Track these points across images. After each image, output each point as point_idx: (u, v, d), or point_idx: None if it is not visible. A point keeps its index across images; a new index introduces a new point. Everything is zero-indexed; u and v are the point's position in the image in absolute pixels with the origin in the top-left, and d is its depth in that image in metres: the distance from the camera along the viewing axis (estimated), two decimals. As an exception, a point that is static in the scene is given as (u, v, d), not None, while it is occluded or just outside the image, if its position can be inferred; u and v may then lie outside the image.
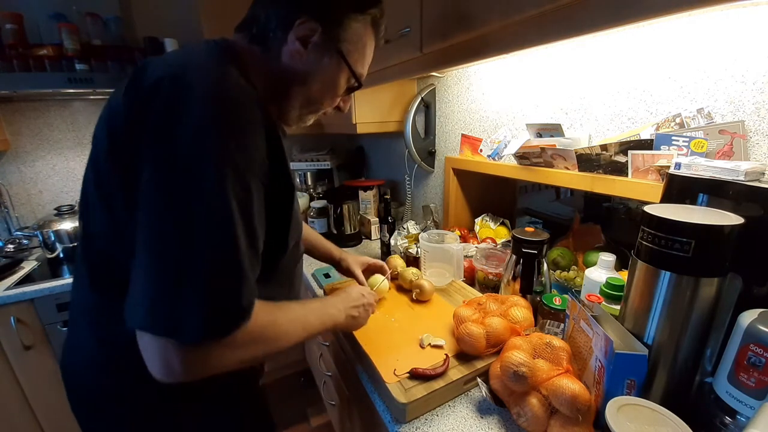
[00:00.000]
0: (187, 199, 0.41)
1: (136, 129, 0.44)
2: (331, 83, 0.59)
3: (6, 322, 1.27)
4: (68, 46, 1.43)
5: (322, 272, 1.17)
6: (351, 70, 0.58)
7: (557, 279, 0.90)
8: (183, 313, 0.41)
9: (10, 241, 1.64)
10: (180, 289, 0.41)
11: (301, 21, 0.52)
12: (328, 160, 1.96)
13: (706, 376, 0.54)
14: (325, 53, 0.55)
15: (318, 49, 0.55)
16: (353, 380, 0.91)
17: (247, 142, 0.45)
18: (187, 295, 0.41)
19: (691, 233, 0.48)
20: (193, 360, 0.43)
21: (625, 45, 0.78)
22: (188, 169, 0.41)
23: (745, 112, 0.63)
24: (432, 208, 1.46)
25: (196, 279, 0.41)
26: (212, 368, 0.45)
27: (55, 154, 1.73)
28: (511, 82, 1.08)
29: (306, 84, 0.57)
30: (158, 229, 0.42)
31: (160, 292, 0.41)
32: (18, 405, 1.36)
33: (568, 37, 0.58)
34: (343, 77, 0.59)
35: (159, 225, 0.42)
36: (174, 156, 0.41)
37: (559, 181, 0.87)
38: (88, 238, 0.55)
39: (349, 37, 0.56)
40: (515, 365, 0.57)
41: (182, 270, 0.41)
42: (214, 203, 0.41)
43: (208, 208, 0.41)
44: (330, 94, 0.61)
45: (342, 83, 0.60)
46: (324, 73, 0.57)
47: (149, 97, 0.43)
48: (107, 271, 0.52)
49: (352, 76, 0.60)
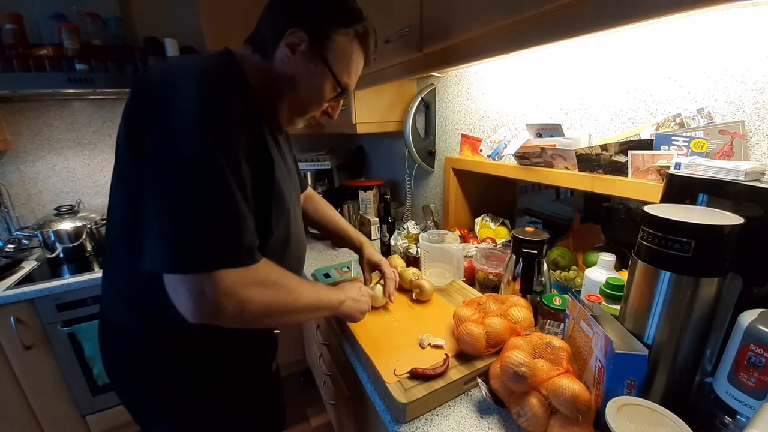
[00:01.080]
0: (184, 155, 0.48)
1: (141, 109, 0.53)
2: (316, 89, 0.65)
3: (6, 322, 1.27)
4: (68, 46, 1.43)
5: (322, 272, 1.17)
6: (335, 78, 0.64)
7: (557, 279, 0.90)
8: (198, 250, 0.48)
9: (10, 241, 1.64)
10: (191, 232, 0.48)
11: (291, 31, 0.60)
12: (328, 160, 1.96)
13: (706, 376, 0.54)
14: (311, 60, 0.62)
15: (305, 56, 0.61)
16: (353, 380, 0.91)
17: (232, 127, 0.52)
18: (197, 236, 0.48)
19: (691, 233, 0.48)
20: (218, 290, 0.50)
21: (625, 45, 0.78)
22: (183, 134, 0.49)
23: (745, 112, 0.63)
24: (432, 208, 1.46)
25: (202, 223, 0.49)
26: (237, 301, 0.52)
27: (55, 154, 1.74)
28: (511, 82, 1.08)
29: (293, 87, 0.64)
30: (163, 185, 0.49)
31: (174, 237, 0.48)
32: (18, 405, 1.36)
33: (567, 38, 0.58)
34: (328, 84, 0.65)
35: (163, 182, 0.49)
36: (170, 123, 0.49)
37: (559, 181, 0.87)
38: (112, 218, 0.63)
39: (334, 48, 0.62)
40: (515, 365, 0.57)
41: (190, 216, 0.48)
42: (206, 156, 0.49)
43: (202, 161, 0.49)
44: (315, 99, 0.66)
45: (327, 89, 0.65)
46: (310, 79, 0.63)
47: (151, 87, 0.53)
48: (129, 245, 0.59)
49: (336, 84, 0.65)
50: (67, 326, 1.36)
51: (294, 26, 0.59)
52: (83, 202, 1.75)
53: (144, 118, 0.51)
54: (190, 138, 0.49)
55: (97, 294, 1.39)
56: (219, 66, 0.58)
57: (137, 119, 0.53)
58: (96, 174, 1.83)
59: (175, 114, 0.49)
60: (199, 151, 0.49)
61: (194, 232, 0.48)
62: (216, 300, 0.50)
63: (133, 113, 0.54)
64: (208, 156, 0.49)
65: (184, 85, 0.51)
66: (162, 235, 0.49)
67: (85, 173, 1.81)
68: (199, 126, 0.49)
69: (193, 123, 0.49)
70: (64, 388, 1.43)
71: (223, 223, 0.50)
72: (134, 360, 0.66)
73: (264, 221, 0.60)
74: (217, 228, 0.50)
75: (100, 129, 1.79)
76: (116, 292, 0.65)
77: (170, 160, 0.49)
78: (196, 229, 0.48)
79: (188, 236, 0.48)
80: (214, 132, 0.50)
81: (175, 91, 0.50)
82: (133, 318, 0.63)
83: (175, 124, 0.49)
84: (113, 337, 0.68)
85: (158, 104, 0.51)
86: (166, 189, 0.49)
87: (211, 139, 0.49)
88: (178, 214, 0.48)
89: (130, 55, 1.55)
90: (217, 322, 0.52)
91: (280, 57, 0.61)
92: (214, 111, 0.51)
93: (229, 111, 0.52)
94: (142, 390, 0.68)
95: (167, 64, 0.57)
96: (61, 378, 1.41)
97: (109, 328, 0.69)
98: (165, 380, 0.65)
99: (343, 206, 1.50)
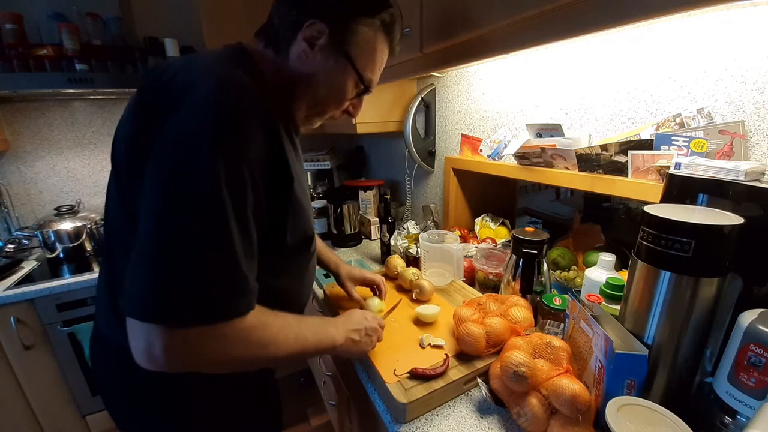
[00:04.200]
0: (181, 190, 0.42)
1: (147, 125, 0.47)
2: (337, 86, 0.59)
3: (6, 322, 1.27)
4: (68, 46, 1.43)
5: (322, 272, 1.17)
6: (358, 74, 0.58)
7: (557, 279, 0.90)
8: (171, 299, 0.41)
9: (10, 241, 1.64)
10: (170, 277, 0.41)
11: (309, 23, 0.54)
12: (328, 160, 1.96)
13: (706, 376, 0.54)
14: (332, 56, 0.56)
15: (324, 51, 0.55)
16: (353, 380, 0.91)
17: (244, 140, 0.46)
18: (177, 283, 0.42)
19: (691, 233, 0.48)
20: (174, 346, 0.43)
21: (625, 45, 0.78)
22: (184, 162, 0.42)
23: (745, 112, 0.63)
24: (432, 208, 1.46)
25: (187, 268, 0.42)
26: (194, 358, 0.45)
27: (55, 154, 1.73)
28: (511, 82, 1.08)
29: (311, 85, 0.58)
30: (154, 218, 0.43)
31: (151, 279, 0.42)
32: (18, 405, 1.36)
33: (568, 37, 0.58)
34: (350, 81, 0.59)
35: (155, 214, 0.43)
36: (171, 150, 0.43)
37: (559, 181, 0.87)
38: (108, 228, 0.58)
39: (357, 41, 0.56)
40: (515, 365, 0.57)
41: (174, 258, 0.42)
42: (206, 194, 0.43)
43: (201, 199, 0.42)
44: (336, 98, 0.61)
45: (349, 87, 0.60)
46: (330, 76, 0.57)
47: (159, 98, 0.47)
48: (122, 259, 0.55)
49: (359, 81, 0.59)
50: (67, 326, 1.36)
51: (312, 18, 0.53)
52: (83, 202, 1.75)
53: (147, 140, 0.46)
54: (195, 160, 0.42)
55: (97, 294, 1.39)
56: (232, 79, 0.48)
57: (144, 132, 0.47)
58: (96, 174, 1.83)
59: (184, 132, 0.43)
60: (201, 189, 0.42)
61: (175, 280, 0.41)
62: (172, 357, 0.43)
63: (141, 124, 0.48)
64: (211, 196, 0.43)
65: (192, 108, 0.44)
66: (141, 273, 0.43)
67: (85, 173, 1.81)
68: (206, 159, 0.43)
69: (199, 158, 0.42)
70: (64, 388, 1.43)
71: (211, 273, 0.43)
72: (126, 378, 0.60)
73: (278, 230, 0.55)
74: (204, 282, 0.43)
75: (100, 129, 1.79)
76: (111, 306, 0.59)
77: (166, 195, 0.43)
78: (178, 278, 0.41)
79: (167, 283, 0.41)
80: (223, 168, 0.43)
81: (182, 117, 0.44)
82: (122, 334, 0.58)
83: (178, 156, 0.43)
84: (105, 353, 0.63)
85: (162, 132, 0.45)
86: (159, 227, 0.42)
87: (218, 174, 0.43)
88: (159, 251, 0.42)
89: (130, 55, 1.55)
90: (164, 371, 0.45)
91: (297, 52, 0.55)
92: (228, 147, 0.44)
93: (246, 142, 0.46)
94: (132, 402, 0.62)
95: (179, 69, 0.49)
96: (61, 378, 1.41)
97: (101, 342, 0.63)
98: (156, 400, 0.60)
99: (343, 206, 1.50)
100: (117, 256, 0.56)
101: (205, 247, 0.43)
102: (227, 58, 0.53)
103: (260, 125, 0.48)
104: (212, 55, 0.54)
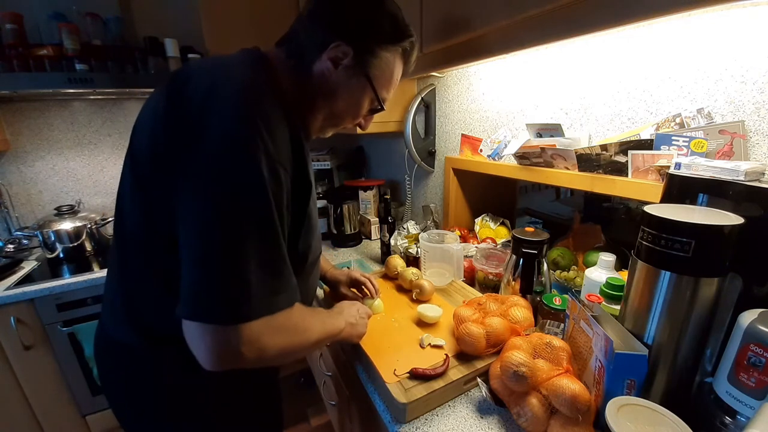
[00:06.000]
0: (230, 195, 0.45)
1: (178, 135, 0.48)
2: (355, 103, 0.63)
3: (6, 322, 1.27)
4: (68, 46, 1.42)
5: (322, 272, 1.17)
6: (375, 95, 0.62)
7: (557, 279, 0.90)
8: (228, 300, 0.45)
9: (10, 241, 1.64)
10: (237, 279, 0.45)
11: (335, 44, 0.57)
12: (328, 160, 1.96)
13: (706, 376, 0.54)
14: (354, 75, 0.59)
15: (347, 70, 0.59)
16: (353, 380, 0.91)
17: (277, 143, 0.49)
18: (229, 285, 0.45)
19: (691, 233, 0.48)
20: (252, 341, 0.47)
21: (625, 45, 0.78)
22: (225, 165, 0.45)
23: (745, 112, 0.63)
24: (432, 208, 1.46)
25: (248, 269, 0.45)
26: (257, 350, 0.48)
27: (55, 154, 1.73)
28: (511, 82, 1.08)
29: (331, 100, 0.61)
30: (206, 224, 0.45)
31: (218, 286, 0.45)
32: (18, 405, 1.36)
33: (568, 37, 0.58)
34: (367, 99, 0.63)
35: (206, 221, 0.45)
36: (213, 156, 0.45)
37: (559, 181, 0.87)
38: (122, 228, 0.59)
39: (378, 64, 0.60)
40: (515, 365, 0.57)
41: (236, 262, 0.45)
42: (255, 196, 0.46)
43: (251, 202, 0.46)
44: (352, 113, 0.65)
45: (365, 104, 0.64)
46: (350, 93, 0.61)
47: (189, 108, 0.49)
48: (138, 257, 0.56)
49: (376, 100, 0.63)
50: (67, 326, 1.36)
51: (339, 40, 0.56)
52: (83, 202, 1.75)
53: (179, 150, 0.48)
54: (239, 164, 0.45)
55: (96, 294, 1.39)
56: (261, 89, 0.51)
57: (172, 145, 0.49)
58: (96, 174, 1.83)
59: (220, 137, 0.46)
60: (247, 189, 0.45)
61: (228, 280, 0.45)
62: (238, 351, 0.46)
63: (167, 138, 0.50)
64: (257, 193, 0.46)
65: (225, 118, 0.46)
66: (190, 275, 0.45)
67: (85, 173, 1.81)
68: (248, 151, 0.45)
69: (241, 147, 0.45)
70: (64, 388, 1.43)
71: (265, 270, 0.47)
72: (133, 378, 0.61)
73: (292, 239, 0.57)
74: (255, 277, 0.46)
75: (100, 129, 1.78)
76: (124, 306, 0.60)
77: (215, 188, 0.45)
78: (231, 277, 0.45)
79: (219, 283, 0.45)
80: (264, 162, 0.46)
81: (214, 125, 0.46)
82: (134, 335, 0.59)
83: (222, 148, 0.45)
84: (112, 353, 0.64)
85: (197, 140, 0.46)
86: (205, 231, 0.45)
87: (261, 171, 0.46)
88: (219, 258, 0.45)
89: (130, 55, 1.55)
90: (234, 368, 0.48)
91: (320, 69, 0.58)
92: (264, 135, 0.47)
93: (278, 134, 0.49)
94: (137, 403, 0.63)
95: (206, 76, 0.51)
96: (61, 378, 1.41)
97: (108, 342, 0.64)
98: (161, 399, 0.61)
99: (343, 206, 1.50)
100: (130, 254, 0.57)
101: (261, 247, 0.47)
102: (249, 63, 0.56)
103: (287, 130, 0.51)
104: (236, 61, 0.56)
